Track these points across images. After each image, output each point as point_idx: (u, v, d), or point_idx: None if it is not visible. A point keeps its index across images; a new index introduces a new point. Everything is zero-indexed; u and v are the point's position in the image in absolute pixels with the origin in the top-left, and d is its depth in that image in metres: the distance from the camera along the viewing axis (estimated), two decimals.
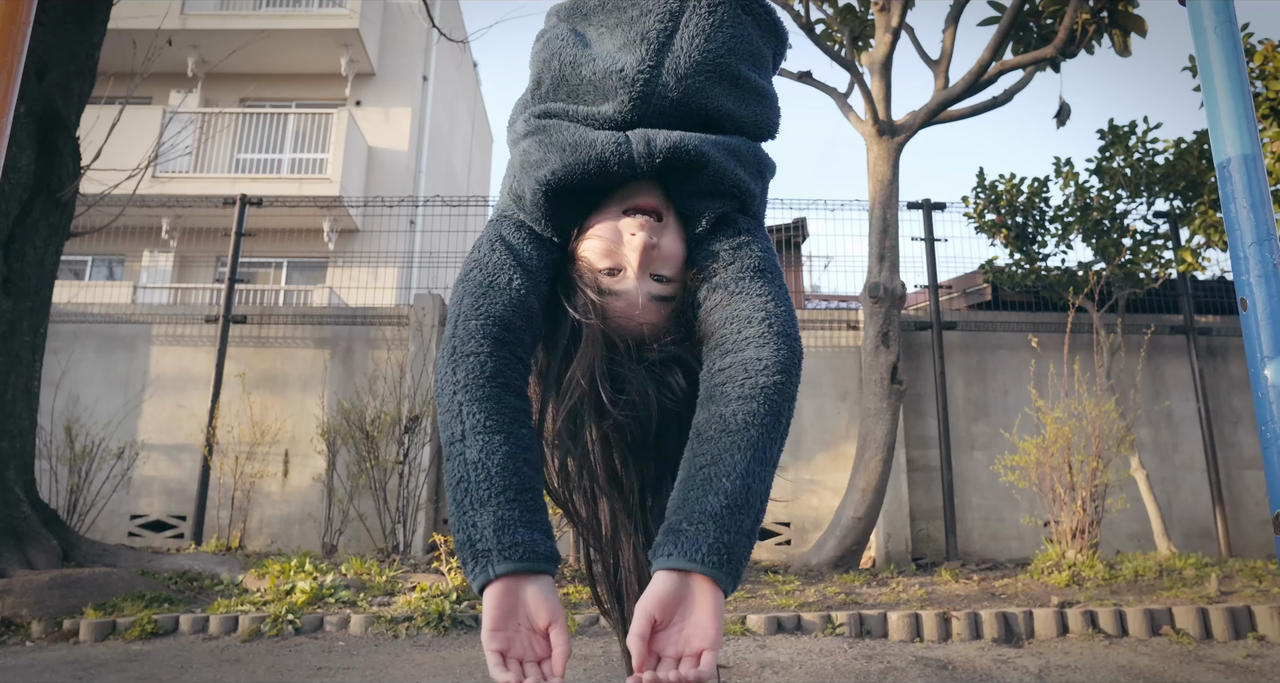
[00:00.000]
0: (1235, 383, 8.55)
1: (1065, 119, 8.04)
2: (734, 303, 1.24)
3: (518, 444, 1.14)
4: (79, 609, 5.08)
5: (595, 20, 1.41)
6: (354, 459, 7.61)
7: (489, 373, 1.17)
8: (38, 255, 6.38)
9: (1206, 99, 1.83)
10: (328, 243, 13.51)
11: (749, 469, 1.09)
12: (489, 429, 1.13)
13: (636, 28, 1.34)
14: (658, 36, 1.31)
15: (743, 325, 1.21)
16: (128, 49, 7.77)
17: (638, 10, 1.36)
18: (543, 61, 1.41)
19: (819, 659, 4.31)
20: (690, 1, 1.34)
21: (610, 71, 1.30)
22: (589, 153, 1.27)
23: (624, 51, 1.33)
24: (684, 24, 1.33)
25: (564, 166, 1.27)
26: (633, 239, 1.25)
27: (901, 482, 7.96)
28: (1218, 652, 4.53)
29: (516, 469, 1.12)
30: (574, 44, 1.38)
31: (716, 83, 1.33)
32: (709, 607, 1.03)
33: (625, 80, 1.29)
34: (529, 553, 1.07)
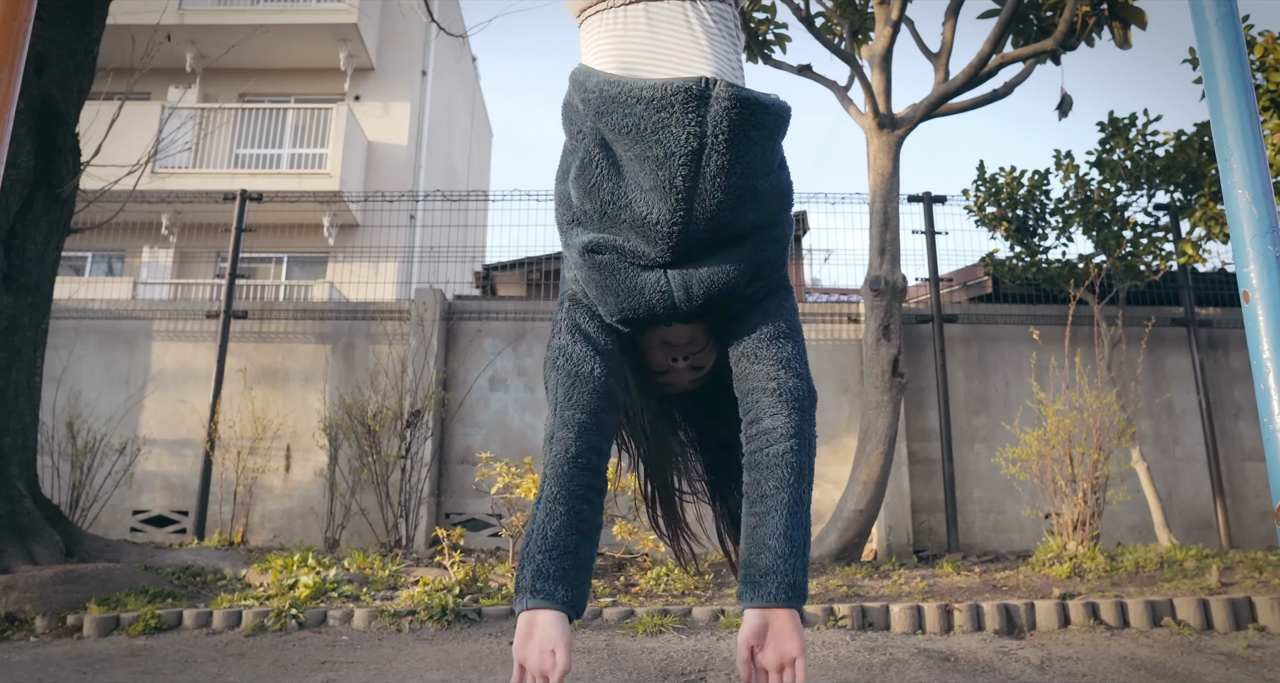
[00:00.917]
0: (1236, 375, 8.56)
1: (1067, 111, 8.03)
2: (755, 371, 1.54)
3: (575, 516, 1.46)
4: (82, 605, 5.09)
5: (622, 141, 1.47)
6: (356, 454, 7.62)
7: (570, 456, 1.48)
8: (38, 251, 6.38)
9: (1208, 92, 1.83)
10: (328, 238, 13.51)
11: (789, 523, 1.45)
12: (556, 500, 1.46)
13: (664, 172, 1.43)
14: (684, 183, 1.42)
15: (760, 396, 1.52)
16: (126, 45, 7.75)
17: (661, 150, 1.42)
18: (582, 191, 1.53)
19: (822, 652, 4.32)
20: (708, 139, 1.41)
21: (647, 221, 1.46)
22: (639, 300, 1.52)
23: (654, 195, 1.45)
24: (705, 164, 1.42)
25: (619, 310, 1.55)
26: (676, 365, 1.64)
27: (903, 474, 7.97)
28: (1219, 643, 4.54)
29: (565, 536, 1.45)
30: (610, 174, 1.50)
31: (740, 207, 1.47)
32: (789, 627, 1.41)
33: (661, 233, 1.46)
34: (549, 597, 1.41)
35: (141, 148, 9.56)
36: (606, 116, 1.48)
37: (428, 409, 7.87)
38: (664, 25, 1.54)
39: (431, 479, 7.93)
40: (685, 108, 1.41)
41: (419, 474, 7.67)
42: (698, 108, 1.41)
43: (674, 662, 4.12)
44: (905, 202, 8.67)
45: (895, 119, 7.74)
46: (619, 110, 1.45)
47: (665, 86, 1.42)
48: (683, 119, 1.40)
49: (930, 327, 8.44)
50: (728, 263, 1.49)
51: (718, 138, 1.41)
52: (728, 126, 1.41)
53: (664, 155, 1.42)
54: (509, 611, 5.05)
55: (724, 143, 1.41)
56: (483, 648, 4.43)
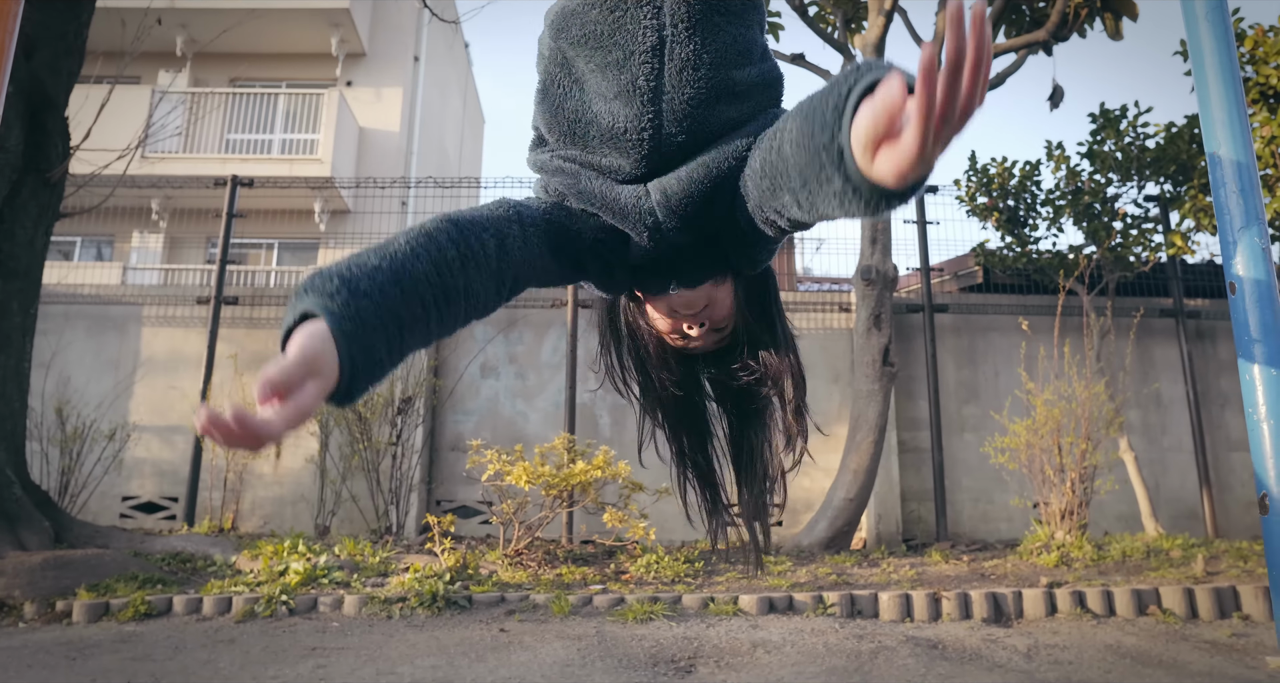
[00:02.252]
0: (1223, 366, 8.61)
1: (1059, 102, 8.05)
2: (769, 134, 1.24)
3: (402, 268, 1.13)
4: (72, 591, 5.09)
5: (583, 53, 1.36)
6: (347, 441, 7.62)
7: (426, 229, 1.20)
8: (27, 236, 6.35)
9: (1198, 85, 1.84)
10: (319, 224, 13.46)
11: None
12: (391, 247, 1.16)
13: (625, 75, 1.31)
14: (647, 83, 1.30)
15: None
16: (116, 28, 7.71)
17: (620, 52, 1.31)
18: (549, 113, 1.41)
19: (811, 639, 4.35)
20: (668, 32, 1.30)
21: (615, 132, 1.32)
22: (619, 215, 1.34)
23: (619, 102, 1.32)
24: (668, 60, 1.30)
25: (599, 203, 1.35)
26: (690, 332, 1.47)
27: (893, 463, 8.00)
28: (1203, 631, 4.59)
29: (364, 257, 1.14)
30: (570, 91, 1.38)
31: (716, 103, 1.32)
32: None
33: (631, 141, 1.32)
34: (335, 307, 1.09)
35: (132, 132, 9.52)
36: (565, 31, 1.38)
37: (419, 396, 7.87)
38: None
39: (422, 466, 7.93)
40: (639, 1, 1.30)
41: (410, 461, 7.68)
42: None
43: (664, 649, 4.15)
44: None
45: None
46: (576, 21, 1.35)
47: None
48: (637, 14, 1.30)
49: (921, 316, 8.46)
50: (707, 159, 1.32)
51: (678, 28, 1.29)
52: (686, 13, 1.29)
53: (623, 57, 1.31)
54: (499, 597, 5.07)
55: (685, 32, 1.29)
56: (473, 634, 4.45)
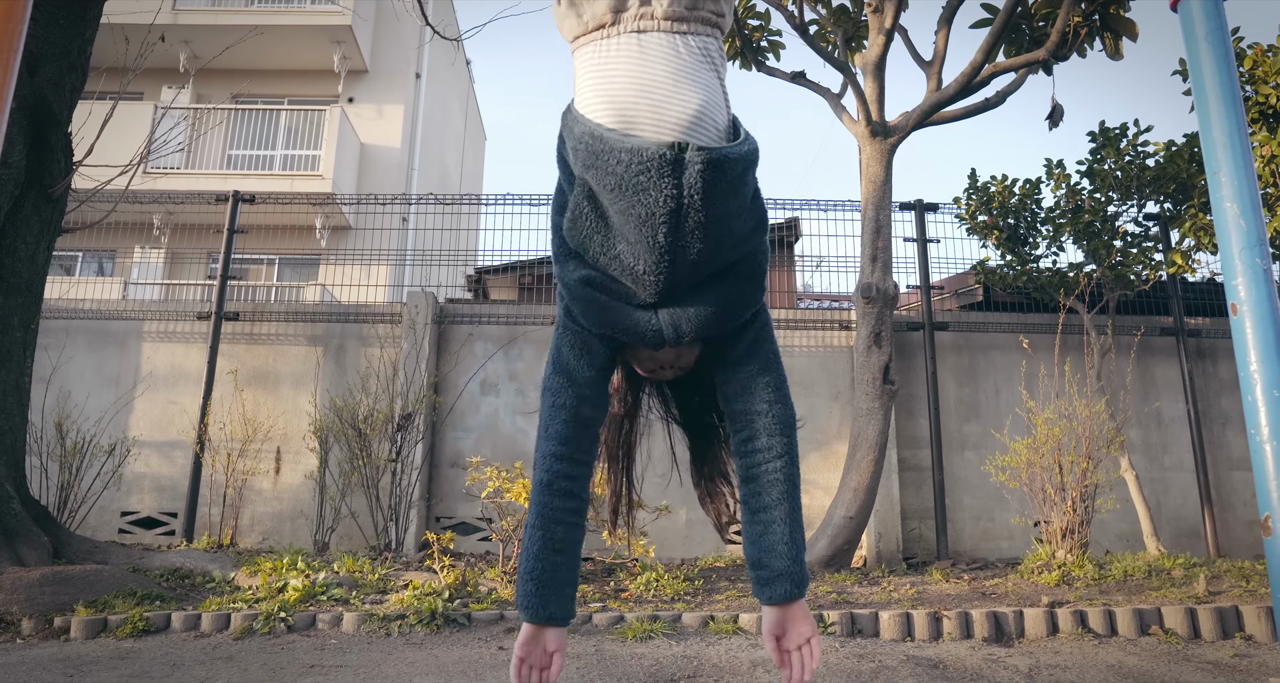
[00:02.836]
0: (1224, 384, 8.60)
1: (1058, 121, 8.07)
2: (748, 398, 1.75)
3: (551, 539, 1.70)
4: (70, 607, 5.07)
5: (608, 197, 1.59)
6: (346, 457, 7.61)
7: (543, 484, 1.71)
8: (29, 251, 6.36)
9: (1198, 105, 1.85)
10: (320, 240, 13.49)
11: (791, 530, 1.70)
12: (534, 526, 1.71)
13: (646, 229, 1.55)
14: (665, 240, 1.55)
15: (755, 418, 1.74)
16: (120, 44, 7.75)
17: (643, 209, 1.54)
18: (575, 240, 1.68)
19: None
20: (685, 200, 1.52)
21: (634, 271, 1.60)
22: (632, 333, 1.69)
23: (640, 248, 1.58)
24: (684, 222, 1.54)
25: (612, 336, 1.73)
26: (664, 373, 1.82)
27: (893, 481, 7.99)
28: (1205, 652, 4.56)
29: (545, 557, 1.70)
30: (600, 230, 1.63)
31: (719, 250, 1.61)
32: (801, 615, 1.73)
33: (648, 281, 1.60)
34: (540, 614, 1.70)
35: (134, 148, 9.54)
36: (592, 170, 1.59)
37: (419, 413, 7.86)
38: (655, 56, 1.61)
39: (422, 483, 7.92)
40: (661, 173, 1.51)
41: (409, 478, 7.66)
42: (673, 172, 1.51)
43: (663, 668, 4.12)
44: (897, 209, 8.70)
45: (888, 127, 7.77)
46: (602, 166, 1.56)
47: (643, 151, 1.51)
48: (659, 184, 1.51)
49: (921, 334, 8.46)
50: (712, 301, 1.65)
51: (694, 198, 1.52)
52: (702, 187, 1.51)
53: (645, 215, 1.54)
54: (498, 615, 5.05)
55: (700, 202, 1.52)
56: (472, 653, 4.42)
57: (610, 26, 1.64)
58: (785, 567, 1.68)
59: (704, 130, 1.58)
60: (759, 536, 1.70)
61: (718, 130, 1.61)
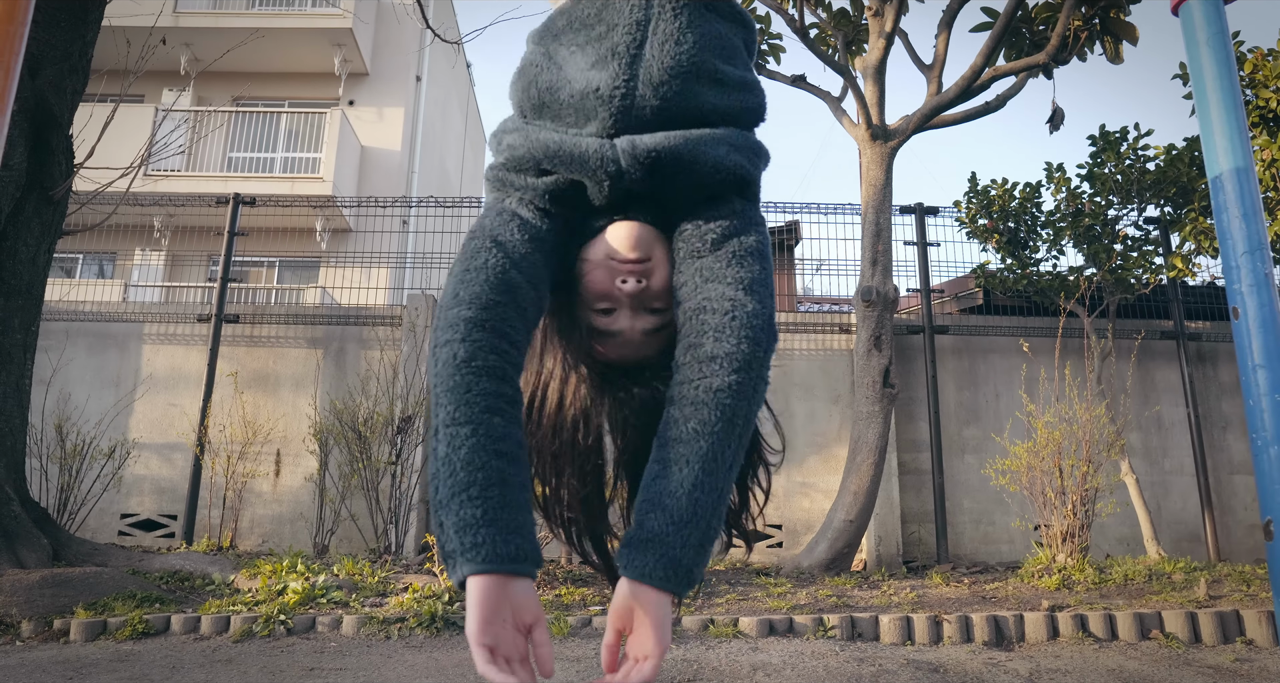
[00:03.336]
0: (1225, 388, 8.60)
1: (1059, 124, 8.08)
2: (705, 289, 1.25)
3: (487, 435, 1.12)
4: (70, 609, 5.07)
5: (565, 39, 1.39)
6: (346, 459, 7.60)
7: (460, 359, 1.15)
8: (30, 253, 6.36)
9: (1199, 109, 1.85)
10: (320, 242, 13.49)
11: (696, 482, 1.13)
12: (456, 421, 1.12)
13: (606, 43, 1.32)
14: (627, 49, 1.31)
15: (708, 316, 1.22)
16: (121, 47, 7.75)
17: (604, 26, 1.34)
18: (521, 90, 1.40)
19: (811, 662, 4.32)
20: (654, 9, 1.33)
21: (587, 92, 1.30)
22: (578, 163, 1.29)
23: (596, 69, 1.32)
24: (652, 32, 1.32)
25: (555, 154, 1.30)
26: (624, 286, 1.29)
27: (893, 485, 7.98)
28: (1206, 656, 4.56)
29: (482, 464, 1.10)
30: (547, 68, 1.37)
31: (694, 83, 1.32)
32: (654, 619, 1.11)
33: (602, 98, 1.29)
34: (494, 556, 1.06)
35: (135, 150, 9.54)
36: (550, 28, 1.42)
37: (419, 415, 7.86)
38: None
39: (422, 486, 7.90)
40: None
41: (409, 480, 7.66)
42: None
43: (663, 671, 4.12)
44: (897, 213, 8.70)
45: (888, 130, 7.77)
46: (563, 18, 1.40)
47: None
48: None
49: (921, 337, 8.46)
50: (682, 134, 1.29)
51: (664, 8, 1.33)
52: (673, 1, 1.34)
53: (606, 30, 1.33)
54: None
55: (671, 11, 1.33)
56: (472, 656, 4.41)
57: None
58: (661, 530, 1.11)
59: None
60: (653, 478, 1.15)
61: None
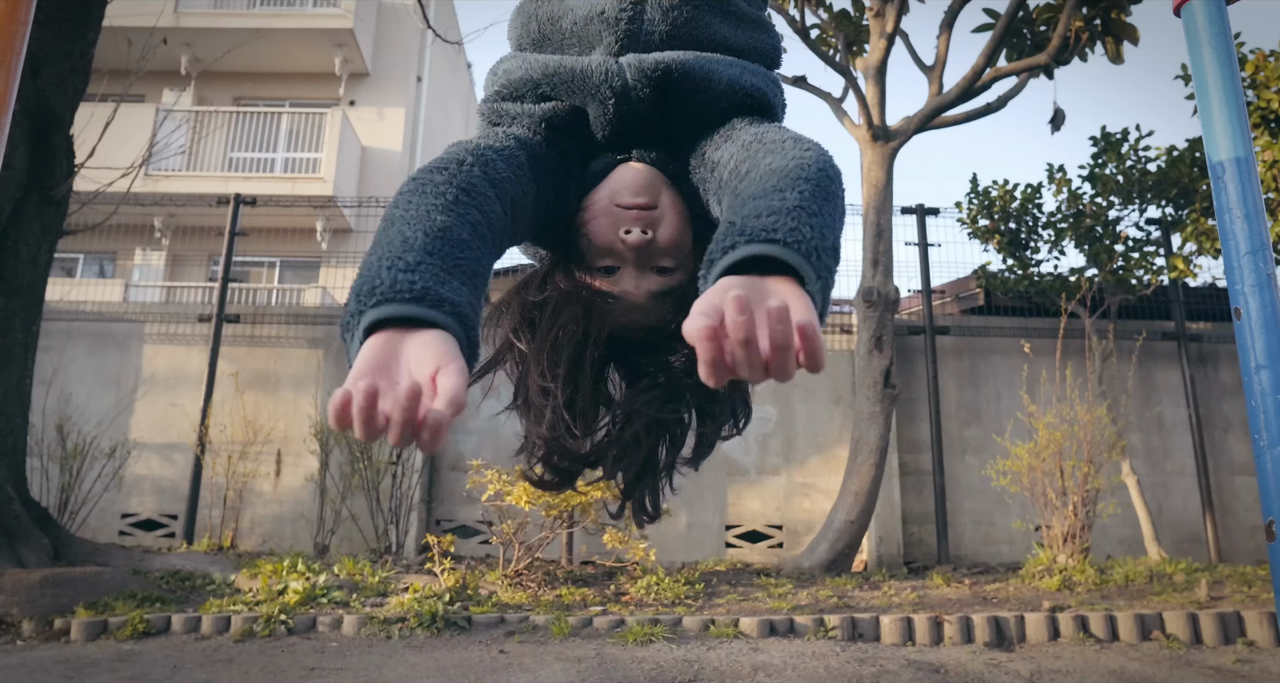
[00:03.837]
0: (1226, 389, 8.59)
1: (1060, 125, 8.08)
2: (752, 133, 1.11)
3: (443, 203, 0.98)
4: (70, 608, 5.07)
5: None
6: (347, 459, 7.60)
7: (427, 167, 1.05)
8: (31, 253, 6.37)
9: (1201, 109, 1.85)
10: (321, 243, 13.48)
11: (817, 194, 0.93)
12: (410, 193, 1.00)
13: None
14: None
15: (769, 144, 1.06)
16: (122, 47, 7.75)
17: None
18: (520, 25, 1.30)
19: (811, 662, 4.32)
20: None
21: (591, 17, 1.21)
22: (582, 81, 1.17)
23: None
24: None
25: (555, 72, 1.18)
26: (628, 237, 1.13)
27: (894, 485, 7.97)
28: (1207, 657, 4.55)
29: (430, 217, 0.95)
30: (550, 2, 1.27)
31: (705, 12, 1.23)
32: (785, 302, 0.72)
33: (608, 21, 1.20)
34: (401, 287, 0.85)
35: (136, 150, 9.54)
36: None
37: None
38: None
39: (422, 486, 7.91)
40: None
41: (410, 481, 7.65)
42: None
43: (664, 671, 4.12)
44: (898, 213, 8.70)
45: (889, 131, 7.77)
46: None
47: None
48: None
49: (922, 338, 8.46)
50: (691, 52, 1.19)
51: None
52: None
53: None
54: (499, 618, 5.04)
55: None
56: (472, 656, 4.42)
57: None
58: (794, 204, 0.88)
59: None
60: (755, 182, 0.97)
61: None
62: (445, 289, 0.87)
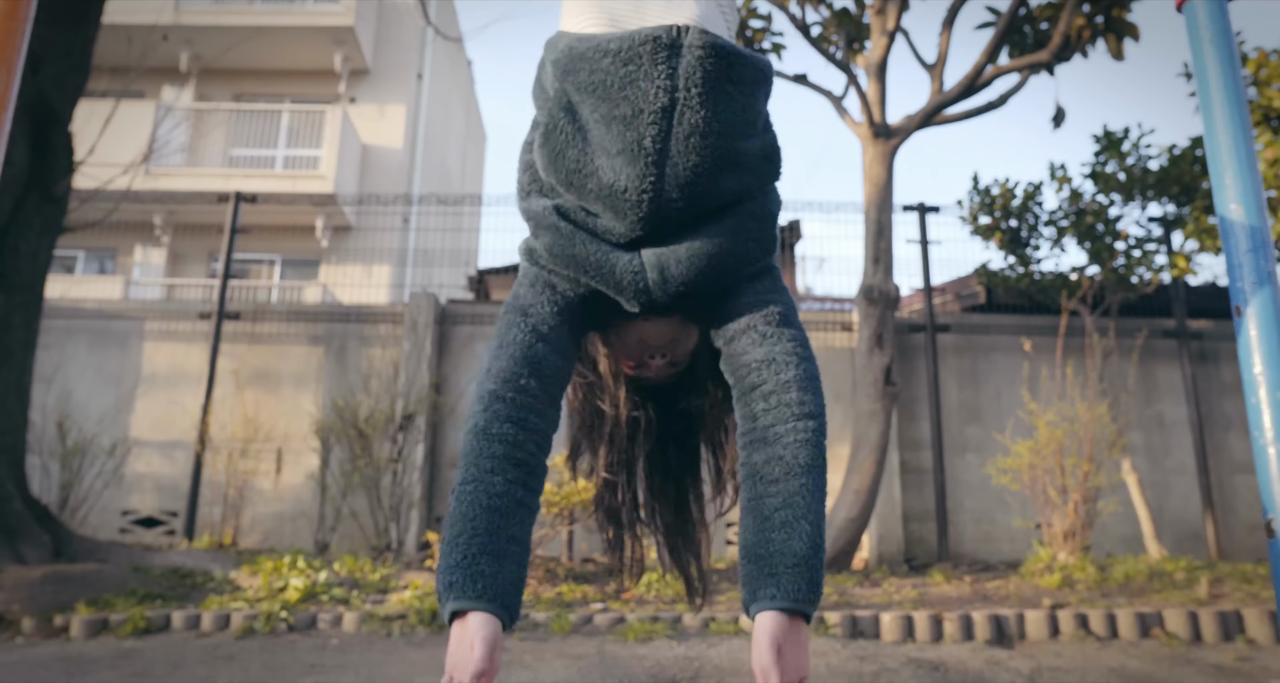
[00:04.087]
0: (1226, 388, 8.59)
1: (1061, 122, 8.08)
2: (768, 345, 1.36)
3: (485, 491, 1.24)
4: (71, 606, 5.07)
5: (589, 101, 1.34)
6: (347, 457, 7.61)
7: (479, 428, 1.29)
8: (31, 250, 6.36)
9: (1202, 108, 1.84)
10: (321, 240, 13.49)
11: (818, 511, 1.24)
12: (465, 481, 1.26)
13: (632, 132, 1.29)
14: (653, 145, 1.29)
15: (781, 369, 1.34)
16: (122, 44, 7.75)
17: (630, 108, 1.29)
18: (547, 158, 1.39)
19: (812, 660, 4.32)
20: (679, 94, 1.28)
21: (615, 189, 1.31)
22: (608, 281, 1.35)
23: (622, 159, 1.31)
24: (676, 122, 1.29)
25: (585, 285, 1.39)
26: (652, 361, 1.48)
27: (894, 483, 7.98)
28: (1208, 655, 4.55)
29: (482, 517, 1.23)
30: (573, 138, 1.36)
31: (719, 172, 1.33)
32: (801, 643, 1.18)
33: (629, 202, 1.31)
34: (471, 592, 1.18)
35: (136, 147, 9.55)
36: (573, 75, 1.35)
37: (420, 413, 7.86)
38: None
39: (423, 483, 7.91)
40: (654, 59, 1.28)
41: (410, 478, 7.66)
42: (668, 58, 1.28)
43: (665, 669, 4.12)
44: (900, 211, 8.70)
45: (890, 128, 7.77)
46: (586, 66, 1.33)
47: (633, 37, 1.30)
48: (651, 72, 1.28)
49: (923, 336, 8.46)
50: (710, 239, 1.34)
51: (690, 92, 1.28)
52: (701, 79, 1.28)
53: (632, 113, 1.29)
54: None
55: (697, 98, 1.28)
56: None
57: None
58: (805, 554, 1.20)
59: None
60: (774, 509, 1.24)
61: None
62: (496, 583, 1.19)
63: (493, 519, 1.22)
